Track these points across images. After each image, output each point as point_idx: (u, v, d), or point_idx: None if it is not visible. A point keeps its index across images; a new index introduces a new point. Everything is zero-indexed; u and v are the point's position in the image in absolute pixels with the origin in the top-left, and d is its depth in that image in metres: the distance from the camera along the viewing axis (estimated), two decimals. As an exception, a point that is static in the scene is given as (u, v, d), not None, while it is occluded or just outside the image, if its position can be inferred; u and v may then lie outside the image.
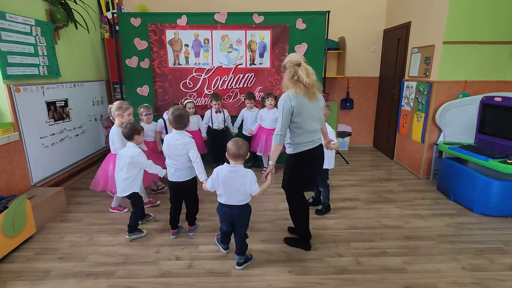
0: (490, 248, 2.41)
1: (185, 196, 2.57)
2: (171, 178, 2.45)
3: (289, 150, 2.24)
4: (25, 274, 2.14)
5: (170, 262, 2.26)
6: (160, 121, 3.60)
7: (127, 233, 2.57)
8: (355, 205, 3.16)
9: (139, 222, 2.71)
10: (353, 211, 3.03)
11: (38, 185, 3.11)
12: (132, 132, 2.47)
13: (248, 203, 2.13)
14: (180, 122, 2.32)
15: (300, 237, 2.46)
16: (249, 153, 2.07)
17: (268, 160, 2.23)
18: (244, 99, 4.02)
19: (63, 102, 3.51)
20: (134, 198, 2.54)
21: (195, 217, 2.67)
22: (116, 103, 2.80)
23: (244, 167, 2.07)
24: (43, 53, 3.21)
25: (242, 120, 4.07)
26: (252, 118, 3.97)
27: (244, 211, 2.13)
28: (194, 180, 2.51)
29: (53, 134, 3.34)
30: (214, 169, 2.10)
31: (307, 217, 2.38)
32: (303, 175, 2.25)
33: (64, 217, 2.92)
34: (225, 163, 2.07)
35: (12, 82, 2.82)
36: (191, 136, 2.40)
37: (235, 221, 2.15)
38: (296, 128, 2.13)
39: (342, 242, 2.50)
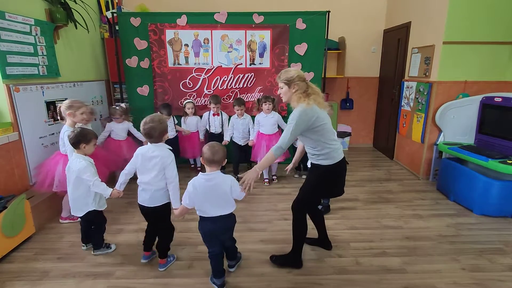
0: (490, 248, 2.41)
1: (155, 224, 2.17)
2: (139, 200, 2.07)
3: (326, 162, 2.02)
4: (24, 274, 2.13)
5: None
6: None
7: (93, 250, 2.36)
8: (354, 206, 3.16)
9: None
10: (353, 212, 3.03)
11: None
12: (78, 140, 2.09)
13: (232, 212, 1.92)
14: (151, 136, 1.95)
15: (291, 254, 2.23)
16: (226, 160, 1.87)
17: (256, 167, 1.97)
18: (234, 105, 3.70)
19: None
20: (90, 216, 2.21)
21: (168, 247, 2.20)
22: (66, 101, 2.59)
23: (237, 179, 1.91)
24: (42, 52, 3.20)
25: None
26: (244, 126, 3.73)
27: (228, 222, 1.93)
28: (168, 206, 2.10)
29: (53, 134, 3.33)
30: (189, 182, 1.85)
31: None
32: (336, 185, 2.14)
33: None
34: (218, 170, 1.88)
35: (12, 81, 2.82)
36: (171, 149, 2.06)
37: (221, 236, 1.95)
38: (329, 139, 2.00)
39: (342, 243, 2.50)
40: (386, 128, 4.93)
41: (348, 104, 5.23)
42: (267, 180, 3.79)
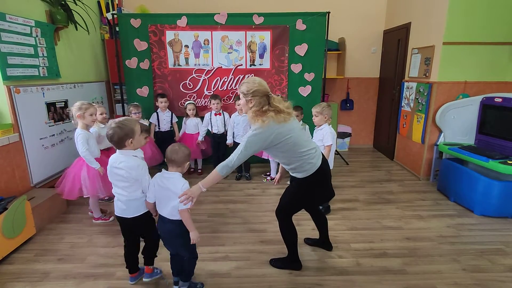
0: (491, 249, 2.41)
1: (137, 234, 1.99)
2: (115, 210, 1.89)
3: (300, 175, 1.94)
4: (24, 275, 2.13)
5: (169, 263, 2.24)
6: (153, 114, 3.94)
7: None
8: (355, 206, 3.16)
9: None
10: (353, 212, 3.03)
11: (37, 187, 3.10)
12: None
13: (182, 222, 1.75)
14: (115, 142, 1.77)
15: (288, 257, 2.21)
16: (188, 163, 1.81)
17: (200, 184, 1.81)
18: (235, 101, 3.78)
19: (63, 103, 3.51)
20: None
21: (155, 255, 2.07)
22: (76, 104, 2.59)
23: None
24: (43, 54, 3.21)
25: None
26: (245, 123, 3.64)
27: (175, 228, 1.77)
28: (147, 215, 1.90)
29: (53, 135, 3.34)
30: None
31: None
32: (319, 193, 2.06)
33: (63, 218, 2.92)
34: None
35: (12, 83, 2.82)
36: (141, 156, 1.88)
37: (169, 240, 1.86)
38: (297, 152, 1.87)
39: (342, 243, 2.49)
40: (386, 129, 4.93)
41: (348, 105, 5.23)
42: (269, 178, 3.84)
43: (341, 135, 5.27)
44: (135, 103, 3.75)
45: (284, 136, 1.81)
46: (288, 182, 3.70)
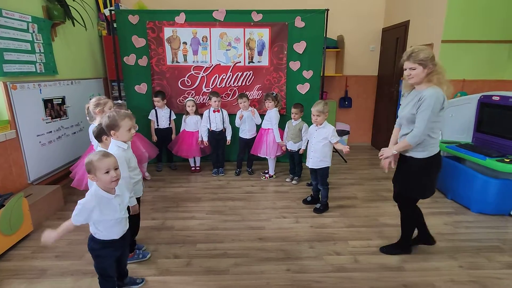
0: (488, 246, 2.42)
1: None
2: None
3: (422, 154, 1.99)
4: (21, 272, 2.12)
5: (168, 260, 2.25)
6: (152, 111, 3.93)
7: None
8: (353, 204, 3.17)
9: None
10: (351, 210, 3.03)
11: (35, 183, 3.09)
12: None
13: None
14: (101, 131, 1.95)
15: (402, 242, 2.32)
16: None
17: (394, 148, 2.06)
18: (237, 99, 3.82)
19: (60, 99, 3.49)
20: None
21: (133, 242, 2.20)
22: (92, 100, 2.58)
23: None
24: (40, 50, 3.18)
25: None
26: (249, 119, 3.77)
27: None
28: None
29: (50, 132, 3.32)
30: None
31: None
32: (432, 179, 2.10)
33: (61, 215, 2.90)
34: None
35: (9, 79, 2.80)
36: (122, 148, 1.90)
37: None
38: (436, 128, 1.96)
39: (340, 241, 2.50)
40: (384, 127, 4.94)
41: (346, 103, 5.24)
42: (267, 176, 3.84)
43: (340, 133, 5.25)
44: (119, 101, 3.66)
45: (445, 100, 1.89)
46: (287, 180, 3.78)
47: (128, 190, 1.84)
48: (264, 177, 3.84)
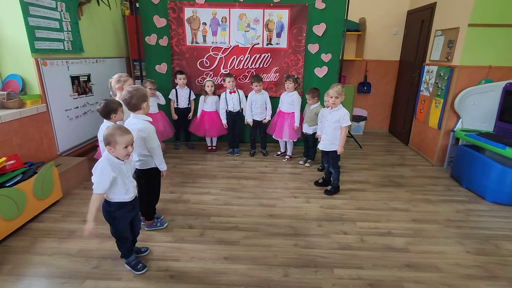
0: (498, 235, 2.42)
1: (143, 185, 2.23)
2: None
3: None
4: (53, 232, 2.35)
5: (183, 230, 2.41)
6: (172, 91, 4.05)
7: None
8: (364, 188, 3.20)
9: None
10: (362, 193, 3.07)
11: (63, 155, 3.32)
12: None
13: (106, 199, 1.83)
14: (128, 103, 2.01)
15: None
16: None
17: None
18: (252, 82, 3.78)
19: (86, 77, 3.66)
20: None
21: (153, 211, 2.42)
22: (115, 76, 2.65)
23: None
24: (67, 28, 3.33)
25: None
26: (261, 102, 3.81)
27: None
28: (152, 170, 2.21)
29: (77, 107, 3.52)
30: None
31: None
32: None
33: (86, 185, 3.13)
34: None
35: (40, 55, 2.97)
36: (150, 120, 2.12)
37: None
38: None
39: (348, 221, 2.57)
40: (403, 114, 4.85)
41: (365, 88, 5.15)
42: (288, 157, 3.92)
43: (356, 119, 5.22)
44: (152, 79, 3.85)
45: None
46: (300, 162, 3.84)
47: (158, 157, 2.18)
48: (285, 159, 3.89)
